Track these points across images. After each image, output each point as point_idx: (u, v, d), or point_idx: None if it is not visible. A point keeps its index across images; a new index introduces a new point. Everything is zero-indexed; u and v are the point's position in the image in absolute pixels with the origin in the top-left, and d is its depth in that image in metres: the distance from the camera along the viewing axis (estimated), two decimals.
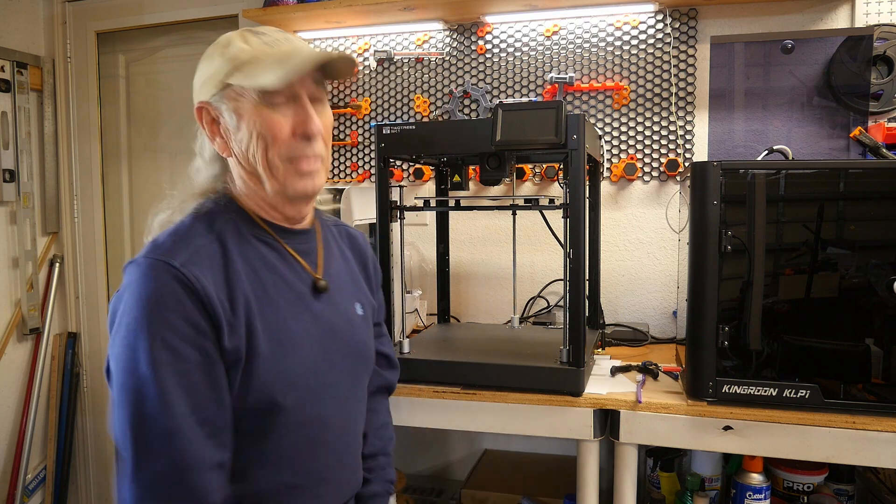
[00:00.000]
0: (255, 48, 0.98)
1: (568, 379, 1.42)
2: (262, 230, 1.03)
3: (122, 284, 0.93)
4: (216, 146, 1.03)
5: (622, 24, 2.03)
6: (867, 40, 1.82)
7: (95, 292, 2.67)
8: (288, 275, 1.03)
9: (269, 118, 0.97)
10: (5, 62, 2.43)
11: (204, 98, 1.01)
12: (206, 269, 0.92)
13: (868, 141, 1.67)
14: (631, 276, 2.09)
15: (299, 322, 1.01)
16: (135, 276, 0.90)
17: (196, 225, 0.98)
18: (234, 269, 0.96)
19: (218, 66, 0.99)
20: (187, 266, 0.90)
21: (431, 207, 1.63)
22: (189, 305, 0.89)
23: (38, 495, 2.58)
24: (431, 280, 2.05)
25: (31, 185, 2.56)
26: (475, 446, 2.26)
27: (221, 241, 0.97)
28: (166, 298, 0.88)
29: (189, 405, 0.87)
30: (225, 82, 0.98)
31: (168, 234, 0.95)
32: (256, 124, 0.97)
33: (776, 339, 1.34)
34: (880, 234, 1.30)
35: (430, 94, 2.22)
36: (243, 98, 0.97)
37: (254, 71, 0.95)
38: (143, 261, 0.91)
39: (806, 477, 1.59)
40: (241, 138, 0.98)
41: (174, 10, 2.49)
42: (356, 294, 1.16)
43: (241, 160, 1.00)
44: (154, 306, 0.87)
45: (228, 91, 0.98)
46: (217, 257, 0.95)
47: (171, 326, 0.87)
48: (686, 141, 2.01)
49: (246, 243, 1.00)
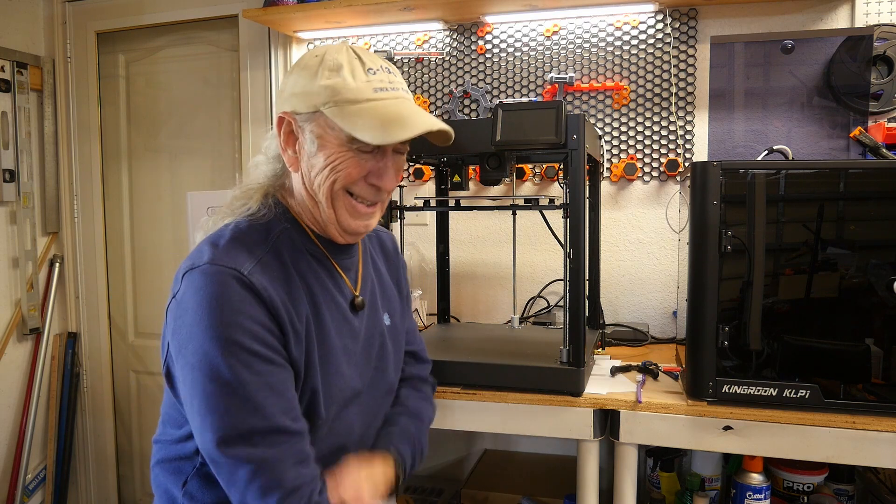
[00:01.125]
0: (360, 89, 0.95)
1: (568, 379, 1.42)
2: (313, 244, 1.04)
3: (180, 291, 0.91)
4: (286, 157, 1.01)
5: (622, 24, 2.03)
6: (867, 40, 1.82)
7: (95, 292, 2.67)
8: (333, 290, 1.04)
9: (350, 160, 0.97)
10: (5, 62, 2.43)
11: (290, 110, 0.98)
12: (271, 279, 0.93)
13: (868, 141, 1.67)
14: (631, 276, 2.09)
15: (342, 337, 1.03)
16: (200, 283, 0.89)
17: (253, 233, 0.98)
18: (294, 282, 0.97)
19: (317, 89, 0.95)
20: (254, 275, 0.90)
21: (431, 207, 1.63)
22: (260, 311, 0.89)
23: (38, 495, 2.58)
24: (431, 280, 2.05)
25: (31, 185, 2.56)
26: (475, 446, 2.26)
27: (278, 252, 0.98)
28: (237, 304, 0.88)
29: (278, 405, 0.89)
30: (320, 109, 0.96)
31: (227, 241, 0.95)
32: (335, 160, 0.96)
33: (776, 339, 1.34)
34: (880, 234, 1.30)
35: (430, 94, 2.22)
36: (331, 131, 0.96)
37: (353, 118, 0.94)
38: (208, 268, 0.90)
39: (806, 477, 1.59)
40: (315, 164, 0.98)
41: (174, 10, 2.49)
42: (386, 305, 1.18)
43: (305, 181, 1.00)
44: (226, 311, 0.87)
45: (319, 118, 0.96)
46: (277, 269, 0.96)
47: (246, 330, 0.87)
48: (686, 141, 2.01)
49: (300, 256, 1.01)
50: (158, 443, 1.05)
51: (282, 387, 0.90)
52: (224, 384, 0.86)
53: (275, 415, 0.88)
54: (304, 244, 1.03)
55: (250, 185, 1.05)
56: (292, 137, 1.00)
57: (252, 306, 0.89)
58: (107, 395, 2.70)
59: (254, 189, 1.04)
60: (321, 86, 0.95)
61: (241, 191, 1.05)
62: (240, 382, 0.86)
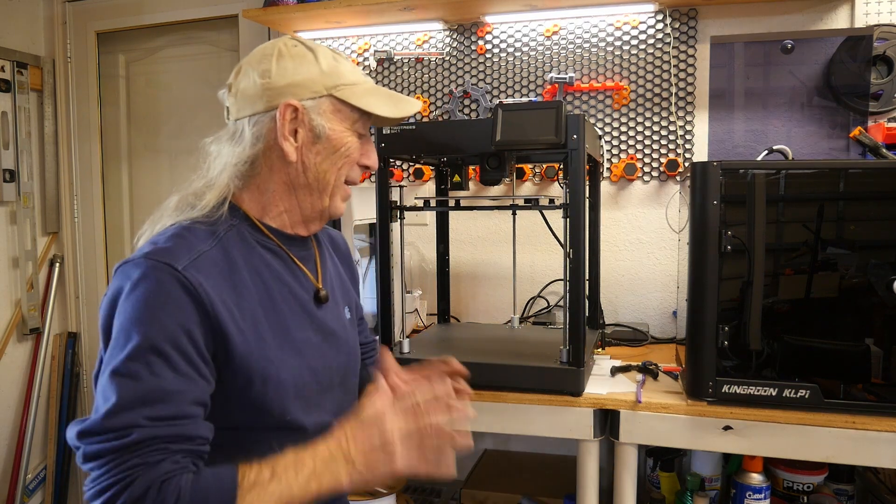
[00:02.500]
0: (355, 73, 1.03)
1: (568, 379, 1.42)
2: (266, 237, 1.02)
3: (112, 286, 0.88)
4: (286, 147, 0.97)
5: (622, 24, 2.03)
6: (867, 40, 1.82)
7: (95, 292, 2.67)
8: (292, 283, 1.02)
9: (355, 142, 1.03)
10: (5, 62, 2.43)
11: (295, 99, 0.97)
12: (209, 276, 0.89)
13: (868, 141, 1.67)
14: (631, 276, 2.09)
15: (303, 330, 1.01)
16: (131, 277, 0.86)
17: (196, 229, 0.95)
18: (241, 276, 0.94)
19: (320, 74, 0.98)
20: (189, 270, 0.87)
21: (431, 207, 1.63)
22: (191, 313, 0.86)
23: (38, 495, 2.58)
24: (431, 280, 2.05)
25: (31, 185, 2.56)
26: (475, 446, 2.25)
27: (225, 248, 0.95)
28: (165, 302, 0.84)
29: (175, 383, 0.83)
30: (330, 93, 0.99)
31: (168, 237, 0.92)
32: (347, 143, 1.01)
33: (776, 339, 1.34)
34: (880, 234, 1.30)
35: (430, 94, 2.22)
36: (339, 115, 1.00)
37: (366, 97, 1.01)
38: (142, 261, 0.86)
39: (806, 477, 1.59)
40: (321, 150, 1.00)
41: (174, 10, 2.49)
42: (345, 298, 1.17)
43: (304, 169, 1.00)
44: (150, 308, 0.83)
45: (324, 103, 0.99)
46: (221, 263, 0.93)
47: (164, 331, 0.83)
48: (686, 141, 2.01)
49: (252, 250, 0.99)
50: None
51: (173, 393, 0.83)
52: (120, 376, 0.81)
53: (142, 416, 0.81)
54: (256, 238, 1.00)
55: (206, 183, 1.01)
56: (293, 126, 0.98)
57: (179, 307, 0.85)
58: None
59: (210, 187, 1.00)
60: (325, 72, 0.98)
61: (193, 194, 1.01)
62: (135, 378, 0.81)
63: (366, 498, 1.74)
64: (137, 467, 0.77)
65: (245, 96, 1.00)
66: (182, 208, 0.99)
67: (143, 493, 0.76)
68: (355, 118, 1.01)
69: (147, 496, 0.76)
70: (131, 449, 0.78)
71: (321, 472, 0.84)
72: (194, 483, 0.79)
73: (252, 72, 1.00)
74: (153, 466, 0.78)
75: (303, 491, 0.83)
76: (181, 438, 0.82)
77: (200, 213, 0.97)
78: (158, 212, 1.01)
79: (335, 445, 0.86)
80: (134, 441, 0.78)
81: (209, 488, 0.79)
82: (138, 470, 0.77)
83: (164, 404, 0.81)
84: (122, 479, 0.77)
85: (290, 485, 0.82)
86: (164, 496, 0.76)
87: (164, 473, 0.78)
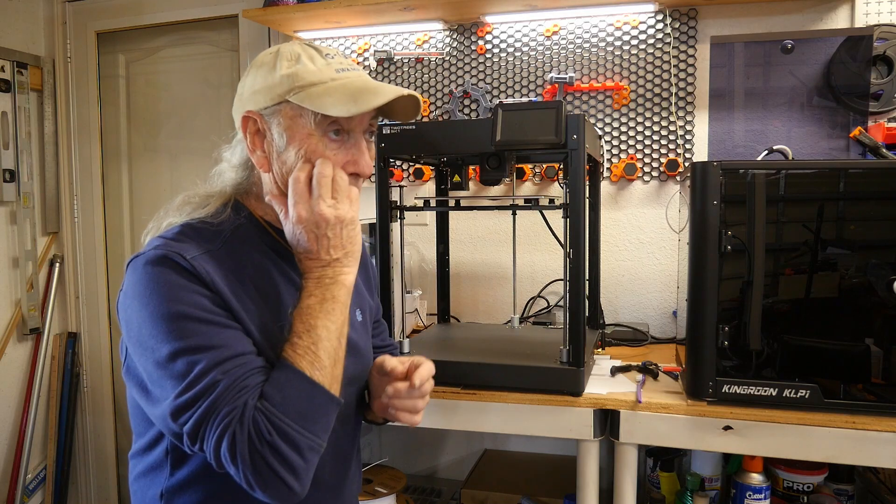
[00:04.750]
0: (322, 72, 0.94)
1: (568, 379, 1.42)
2: (274, 240, 1.02)
3: (125, 281, 0.91)
4: (255, 159, 0.97)
5: (622, 24, 2.03)
6: (867, 40, 1.82)
7: (95, 292, 2.67)
8: (298, 283, 1.02)
9: (321, 149, 0.94)
10: (5, 62, 2.43)
11: (254, 108, 0.95)
12: (216, 269, 0.91)
13: (868, 141, 1.67)
14: (631, 276, 2.09)
15: None
16: (142, 268, 0.88)
17: (203, 229, 0.96)
18: (247, 273, 0.95)
19: (278, 80, 0.93)
20: (197, 260, 0.89)
21: (431, 207, 1.63)
22: (201, 290, 0.88)
23: (38, 495, 2.58)
24: (431, 280, 2.05)
25: (31, 185, 2.56)
26: (475, 446, 2.25)
27: (232, 248, 0.96)
28: (177, 281, 0.87)
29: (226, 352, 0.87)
30: (284, 98, 0.93)
31: (175, 234, 0.94)
32: (306, 151, 0.94)
33: (776, 339, 1.34)
34: (880, 234, 1.30)
35: (430, 94, 2.22)
36: (300, 119, 0.93)
37: (321, 97, 0.91)
38: (151, 254, 0.89)
39: (806, 477, 1.59)
40: (286, 160, 0.95)
41: (174, 10, 2.49)
42: (358, 301, 1.16)
43: (278, 180, 0.97)
44: (167, 288, 0.86)
45: (285, 108, 0.93)
46: (227, 261, 0.94)
47: (191, 303, 0.86)
48: (686, 141, 2.01)
49: (259, 251, 0.99)
50: (133, 458, 1.02)
51: (232, 342, 0.88)
52: (176, 353, 0.84)
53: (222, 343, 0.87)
54: (263, 239, 1.01)
55: (209, 192, 1.02)
56: (259, 137, 0.96)
57: (191, 286, 0.87)
58: (107, 395, 2.70)
59: (212, 195, 1.02)
60: (282, 76, 0.93)
61: (198, 196, 1.02)
62: (190, 347, 0.84)
63: (366, 498, 1.74)
64: (231, 413, 0.82)
65: (234, 109, 1.02)
66: (188, 207, 1.01)
67: (248, 437, 0.81)
68: (321, 120, 0.93)
69: (252, 436, 0.81)
70: (220, 400, 0.82)
71: (327, 299, 0.91)
72: (268, 393, 0.85)
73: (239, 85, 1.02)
74: (242, 409, 0.83)
75: (328, 319, 0.90)
76: (252, 372, 0.87)
77: (206, 213, 0.99)
78: (164, 209, 1.02)
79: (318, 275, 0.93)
80: (219, 394, 0.83)
81: (280, 388, 0.85)
82: (232, 414, 0.82)
83: (228, 357, 0.85)
84: (223, 430, 0.81)
85: (316, 327, 0.89)
86: (259, 425, 0.82)
87: (251, 409, 0.83)
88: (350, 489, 1.11)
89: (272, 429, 0.82)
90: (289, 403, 0.84)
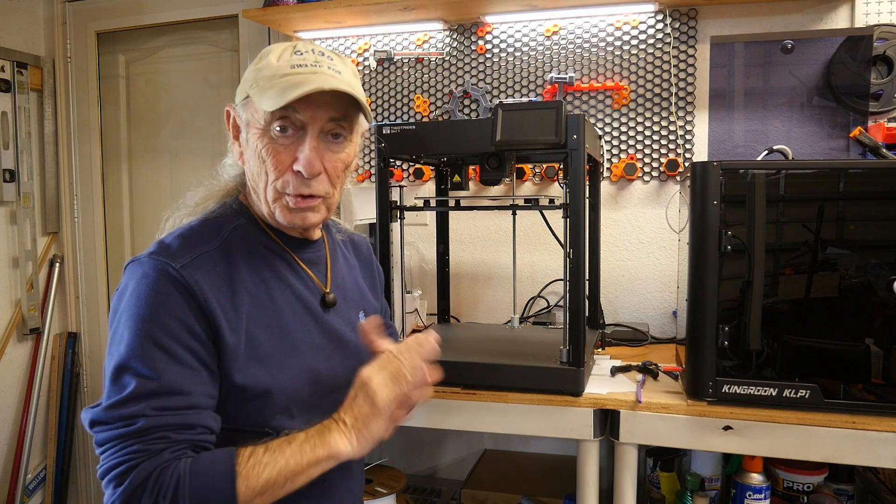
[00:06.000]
0: (281, 66, 0.92)
1: (568, 379, 1.42)
2: (270, 239, 1.03)
3: (121, 282, 0.93)
4: (235, 151, 1.02)
5: (622, 24, 2.03)
6: (867, 40, 1.82)
7: (95, 292, 2.67)
8: (296, 284, 1.03)
9: (270, 146, 0.94)
10: (5, 62, 2.43)
11: (234, 101, 1.00)
12: (206, 274, 0.92)
13: (868, 141, 1.67)
14: (631, 276, 2.09)
15: (306, 332, 1.01)
16: (135, 275, 0.91)
17: (203, 229, 0.98)
18: (239, 275, 0.96)
19: (250, 74, 0.97)
20: (187, 269, 0.90)
21: (431, 207, 1.63)
22: (184, 307, 0.89)
23: (38, 495, 2.58)
24: (431, 280, 2.05)
25: (31, 185, 2.56)
26: (475, 446, 2.25)
27: (228, 248, 0.97)
28: (164, 299, 0.88)
29: (178, 379, 0.86)
30: (248, 94, 0.95)
31: (174, 237, 0.96)
32: (259, 148, 0.95)
33: (776, 339, 1.34)
34: (880, 234, 1.30)
35: (430, 94, 2.22)
36: (257, 114, 0.95)
37: (264, 92, 0.91)
38: (145, 260, 0.91)
39: (806, 477, 1.59)
40: (249, 156, 0.98)
41: (174, 10, 2.49)
42: (361, 302, 1.16)
43: (247, 174, 1.01)
44: (149, 305, 0.87)
45: (248, 103, 0.96)
46: (220, 263, 0.95)
47: (163, 326, 0.87)
48: (686, 141, 2.01)
49: (254, 251, 1.00)
50: None
51: (179, 379, 0.87)
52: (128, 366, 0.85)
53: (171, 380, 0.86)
54: (260, 239, 1.02)
55: (212, 187, 1.06)
56: (237, 130, 1.01)
57: (176, 302, 0.88)
58: None
59: (216, 190, 1.05)
60: (252, 70, 0.96)
61: (205, 191, 1.05)
62: (136, 368, 0.85)
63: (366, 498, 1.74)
64: (140, 454, 0.81)
65: None
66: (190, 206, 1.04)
67: (144, 479, 0.80)
68: (267, 116, 0.92)
69: (148, 482, 0.80)
70: (136, 435, 0.82)
71: (313, 437, 0.87)
72: (193, 465, 0.82)
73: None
74: (155, 455, 0.82)
75: (297, 456, 0.85)
76: (184, 427, 0.85)
77: (208, 210, 1.02)
78: (176, 206, 1.05)
79: (325, 419, 0.90)
80: (139, 429, 0.82)
81: (207, 469, 0.82)
82: (141, 456, 0.81)
83: (170, 396, 0.85)
84: (125, 461, 0.81)
85: (283, 452, 0.85)
86: (163, 481, 0.80)
87: (164, 461, 0.81)
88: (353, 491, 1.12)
89: (171, 499, 0.80)
90: (200, 493, 0.81)
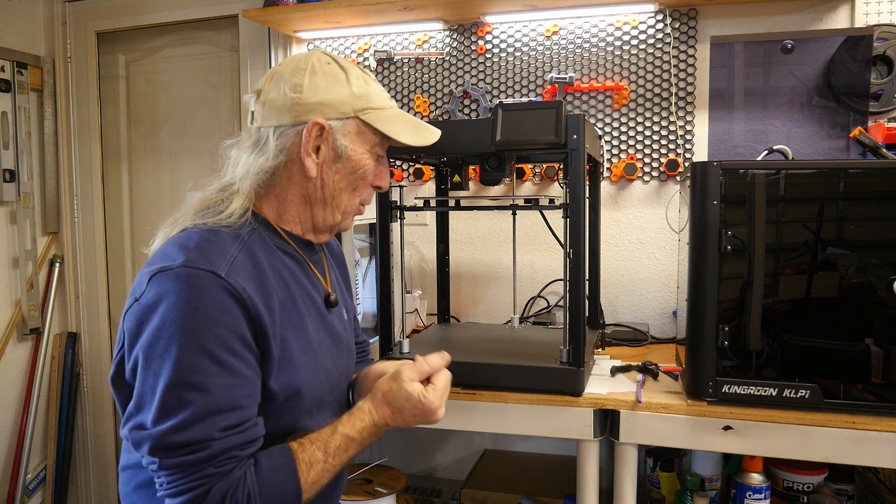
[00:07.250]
0: (382, 97, 1.05)
1: (568, 379, 1.42)
2: (285, 242, 1.04)
3: (150, 294, 0.87)
4: (307, 163, 1.00)
5: (622, 24, 2.03)
6: (867, 40, 1.82)
7: (95, 292, 2.67)
8: (308, 285, 1.05)
9: (372, 164, 1.06)
10: (5, 62, 2.43)
11: (324, 118, 1.00)
12: (247, 279, 0.91)
13: (868, 141, 1.67)
14: (631, 276, 2.09)
15: (318, 332, 1.04)
16: (173, 286, 0.85)
17: (221, 233, 0.96)
18: (267, 278, 0.96)
19: (350, 96, 1.00)
20: (231, 276, 0.88)
21: (431, 207, 1.63)
22: (238, 317, 0.88)
23: (38, 495, 2.58)
24: (431, 280, 2.05)
25: (31, 185, 2.56)
26: (475, 446, 2.25)
27: (250, 250, 0.97)
28: (212, 310, 0.85)
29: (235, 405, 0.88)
30: (357, 116, 1.01)
31: (197, 243, 0.92)
32: (365, 165, 1.04)
33: (776, 339, 1.34)
34: (880, 234, 1.30)
35: (430, 94, 2.22)
36: (362, 136, 1.02)
37: (390, 123, 1.04)
38: (182, 270, 0.86)
39: (806, 477, 1.59)
40: (340, 169, 1.02)
41: (174, 10, 2.49)
42: (344, 300, 1.19)
43: (322, 185, 1.02)
44: (200, 317, 0.84)
45: (350, 124, 1.01)
46: (250, 266, 0.94)
47: (218, 338, 0.85)
48: (686, 141, 2.01)
49: (272, 253, 1.01)
50: (127, 469, 1.00)
51: (235, 393, 0.88)
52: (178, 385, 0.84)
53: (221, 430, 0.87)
54: (275, 242, 1.03)
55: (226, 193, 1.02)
56: (316, 144, 1.01)
57: (228, 312, 0.86)
58: (107, 395, 2.70)
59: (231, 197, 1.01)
60: (355, 94, 1.00)
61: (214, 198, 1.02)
62: (191, 384, 0.84)
63: (366, 498, 1.74)
64: (212, 476, 0.84)
65: (273, 107, 1.00)
66: (205, 211, 1.00)
67: (219, 501, 0.84)
68: (376, 141, 1.04)
69: (223, 503, 0.84)
70: (208, 460, 0.84)
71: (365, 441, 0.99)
72: (259, 476, 0.87)
73: (283, 84, 1.00)
74: (227, 476, 0.85)
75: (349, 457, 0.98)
76: (248, 443, 0.88)
77: (226, 218, 0.98)
78: (180, 212, 1.03)
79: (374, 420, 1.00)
80: (210, 454, 0.84)
81: (272, 478, 0.88)
82: (214, 479, 0.84)
83: (232, 412, 0.86)
84: (199, 485, 0.83)
85: (342, 459, 0.96)
86: (237, 499, 0.84)
87: (235, 480, 0.85)
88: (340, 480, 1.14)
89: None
90: (270, 500, 0.88)
